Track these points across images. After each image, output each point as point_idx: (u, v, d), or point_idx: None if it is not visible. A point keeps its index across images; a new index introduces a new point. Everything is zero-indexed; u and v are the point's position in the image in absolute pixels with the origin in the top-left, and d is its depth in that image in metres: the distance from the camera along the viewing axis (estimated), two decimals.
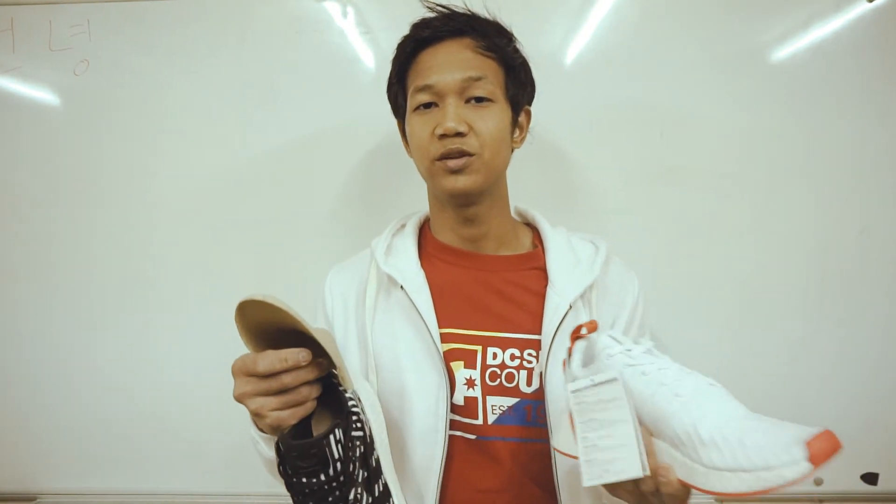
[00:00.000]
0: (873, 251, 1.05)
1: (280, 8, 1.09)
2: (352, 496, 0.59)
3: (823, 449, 0.45)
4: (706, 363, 1.05)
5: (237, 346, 0.61)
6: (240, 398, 0.60)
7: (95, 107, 1.11)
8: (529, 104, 0.84)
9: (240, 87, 1.10)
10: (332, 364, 0.62)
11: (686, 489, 0.52)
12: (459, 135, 0.73)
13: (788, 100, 1.05)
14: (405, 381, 0.74)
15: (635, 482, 0.54)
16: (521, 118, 0.82)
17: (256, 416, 0.61)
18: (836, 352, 1.06)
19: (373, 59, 1.08)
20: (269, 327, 0.60)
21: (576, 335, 0.64)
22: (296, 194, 1.10)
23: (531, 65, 0.83)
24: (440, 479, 0.73)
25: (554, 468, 0.72)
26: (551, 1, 1.06)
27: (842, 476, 1.07)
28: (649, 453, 0.54)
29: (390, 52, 0.83)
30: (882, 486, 1.07)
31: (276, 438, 0.61)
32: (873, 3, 1.03)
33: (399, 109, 0.84)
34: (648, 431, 0.53)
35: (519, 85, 0.79)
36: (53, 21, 1.10)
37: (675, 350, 1.07)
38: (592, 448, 0.55)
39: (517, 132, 0.82)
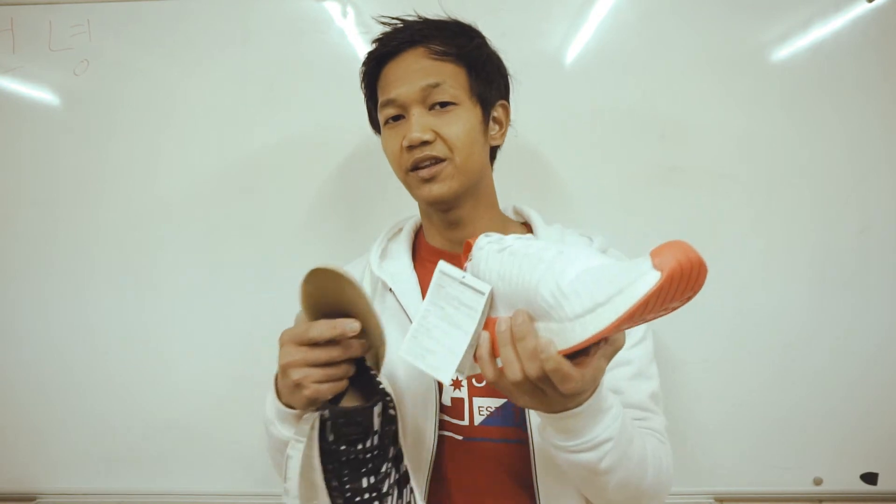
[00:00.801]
0: (873, 251, 1.05)
1: (280, 8, 1.09)
2: (383, 469, 0.62)
3: (668, 251, 0.41)
4: (706, 362, 1.07)
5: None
6: (285, 367, 0.61)
7: (95, 107, 1.11)
8: (505, 98, 0.83)
9: (240, 87, 1.10)
10: (371, 346, 0.64)
11: (576, 370, 0.48)
12: (426, 143, 0.73)
13: (788, 100, 1.05)
14: (396, 382, 0.75)
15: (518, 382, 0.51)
16: (498, 113, 0.81)
17: (296, 388, 0.61)
18: (836, 351, 1.06)
19: None
20: (326, 305, 0.61)
21: (467, 250, 0.61)
22: (297, 193, 1.10)
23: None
24: (428, 479, 0.73)
25: (533, 470, 0.72)
26: (551, 1, 1.06)
27: (842, 476, 1.07)
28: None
29: None
30: (882, 486, 1.07)
31: (301, 413, 0.63)
32: (873, 3, 1.03)
33: (375, 124, 0.85)
34: (530, 317, 0.50)
35: (486, 82, 0.78)
36: (53, 21, 1.10)
37: (675, 349, 1.09)
38: (425, 330, 0.55)
39: (496, 128, 0.81)
